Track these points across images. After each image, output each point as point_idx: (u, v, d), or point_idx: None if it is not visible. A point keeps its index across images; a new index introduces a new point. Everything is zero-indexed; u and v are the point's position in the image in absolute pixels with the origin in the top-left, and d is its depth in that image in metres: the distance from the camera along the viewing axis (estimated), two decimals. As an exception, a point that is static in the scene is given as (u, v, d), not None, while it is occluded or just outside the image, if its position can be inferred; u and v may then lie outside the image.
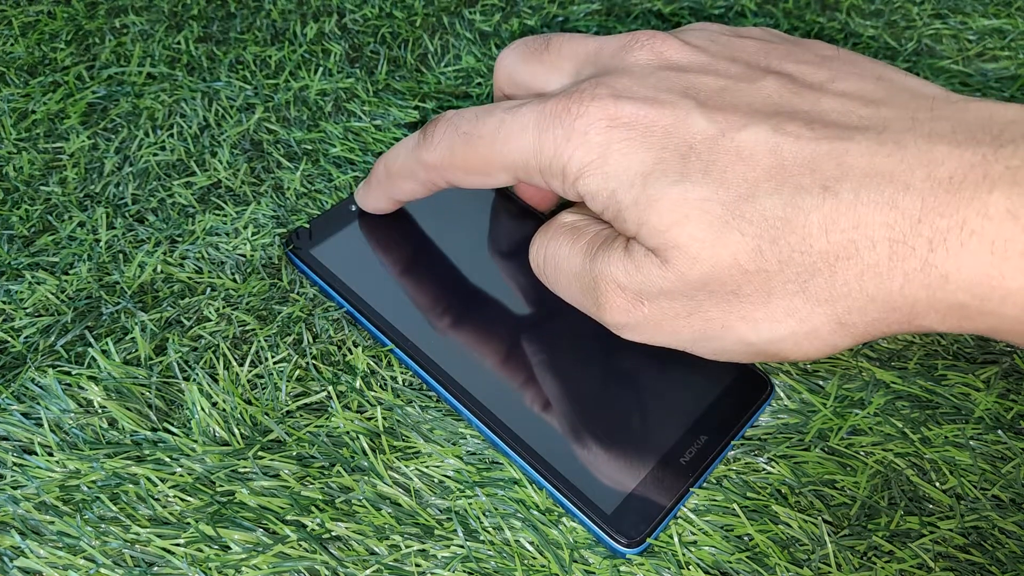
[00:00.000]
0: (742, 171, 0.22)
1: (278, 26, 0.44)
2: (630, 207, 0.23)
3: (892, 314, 0.22)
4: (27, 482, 0.26)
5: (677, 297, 0.24)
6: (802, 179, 0.21)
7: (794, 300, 0.22)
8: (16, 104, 0.39)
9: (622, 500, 0.26)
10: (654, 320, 0.25)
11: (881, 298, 0.21)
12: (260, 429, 0.28)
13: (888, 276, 0.21)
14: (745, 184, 0.22)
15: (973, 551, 0.26)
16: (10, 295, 0.32)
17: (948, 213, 0.20)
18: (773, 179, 0.22)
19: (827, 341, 0.23)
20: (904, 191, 0.20)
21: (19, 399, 0.28)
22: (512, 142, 0.26)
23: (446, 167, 0.28)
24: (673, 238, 0.23)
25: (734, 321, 0.24)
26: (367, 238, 0.33)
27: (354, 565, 0.25)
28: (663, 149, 0.23)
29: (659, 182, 0.23)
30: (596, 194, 0.24)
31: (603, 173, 0.24)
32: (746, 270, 0.22)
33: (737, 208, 0.22)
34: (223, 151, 0.37)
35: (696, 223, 0.22)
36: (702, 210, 0.22)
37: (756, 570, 0.25)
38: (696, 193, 0.22)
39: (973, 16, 0.44)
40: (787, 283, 0.22)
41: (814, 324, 0.23)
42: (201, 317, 0.31)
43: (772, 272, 0.22)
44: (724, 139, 0.23)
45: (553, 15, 0.45)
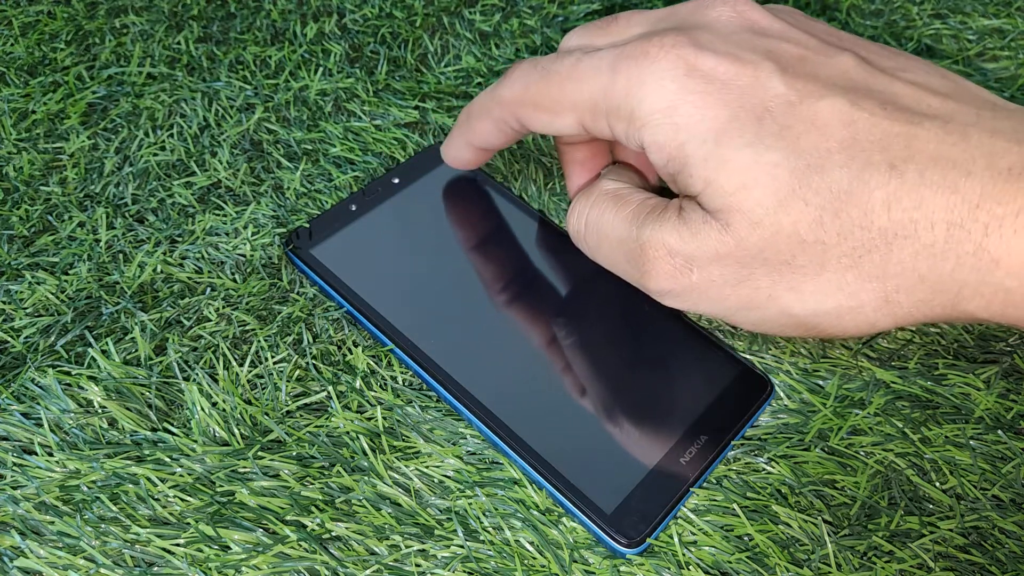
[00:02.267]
0: (815, 140, 0.22)
1: (278, 26, 0.44)
2: (699, 163, 0.23)
3: (939, 296, 0.22)
4: (27, 482, 0.26)
5: (730, 264, 0.24)
6: (872, 155, 0.22)
7: (846, 274, 0.23)
8: (16, 104, 0.39)
9: (622, 500, 0.26)
10: (701, 287, 0.25)
11: (932, 279, 0.22)
12: (260, 429, 0.28)
13: (942, 257, 0.21)
14: (817, 154, 0.22)
15: (973, 551, 0.26)
16: (10, 295, 0.32)
17: (1005, 201, 0.20)
18: (845, 152, 0.22)
19: (869, 318, 0.23)
20: (966, 177, 0.21)
21: (19, 399, 0.28)
22: (585, 80, 0.25)
23: (519, 102, 0.28)
24: (739, 202, 0.23)
25: (782, 291, 0.24)
26: (367, 238, 0.33)
27: (354, 565, 0.25)
28: (739, 108, 0.23)
29: (733, 142, 0.23)
30: (663, 144, 0.24)
31: (673, 123, 0.24)
32: (804, 240, 0.22)
33: (805, 177, 0.22)
34: (223, 151, 0.37)
35: (764, 189, 0.22)
36: (771, 175, 0.22)
37: (756, 570, 0.25)
38: (768, 157, 0.22)
39: (973, 16, 0.44)
40: (842, 257, 0.22)
41: (861, 300, 0.23)
42: (201, 317, 0.31)
43: (830, 244, 0.22)
44: (801, 106, 0.23)
45: (553, 15, 0.45)
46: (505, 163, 0.37)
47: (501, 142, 0.30)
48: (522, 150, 0.37)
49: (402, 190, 0.35)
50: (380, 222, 0.33)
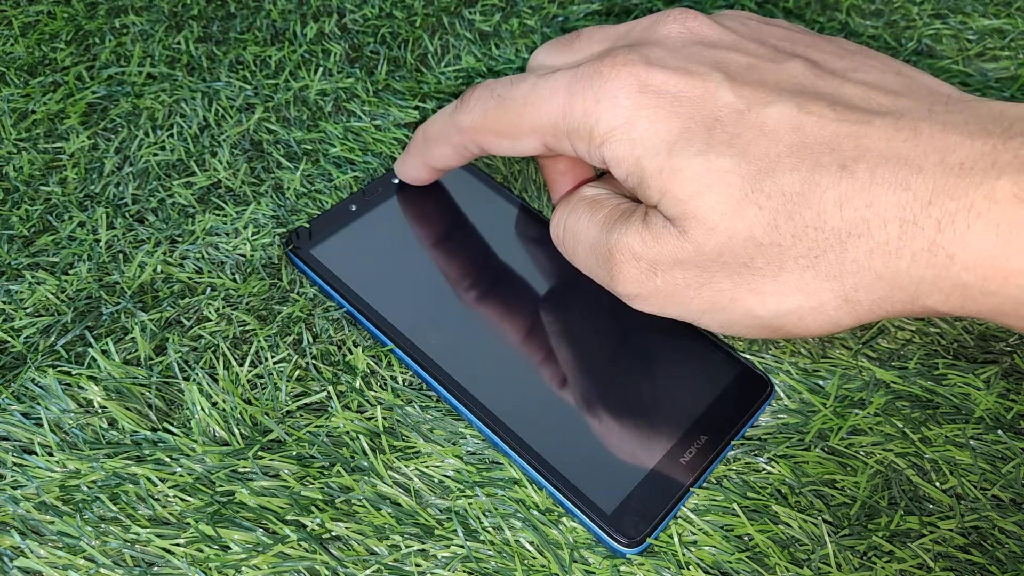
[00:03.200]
0: (765, 146, 0.23)
1: (278, 26, 0.44)
2: (654, 175, 0.24)
3: (897, 292, 0.22)
4: (27, 482, 0.26)
5: (691, 267, 0.24)
6: (822, 157, 0.22)
7: (804, 275, 0.23)
8: (16, 104, 0.39)
9: (622, 500, 0.26)
10: (666, 290, 0.25)
11: (888, 276, 0.22)
12: (260, 429, 0.28)
13: (896, 255, 0.21)
14: (767, 159, 0.23)
15: (973, 551, 0.26)
16: (10, 295, 0.32)
17: (957, 196, 0.20)
18: (794, 155, 0.22)
19: (831, 317, 0.23)
20: (917, 173, 0.21)
21: (19, 399, 0.28)
22: (543, 104, 0.26)
23: (478, 129, 0.28)
24: (693, 209, 0.23)
25: (743, 293, 0.24)
26: (367, 238, 0.33)
27: (354, 565, 0.25)
28: (690, 119, 0.24)
29: (684, 152, 0.23)
30: (621, 160, 0.25)
31: (630, 139, 0.25)
32: (760, 243, 0.23)
33: (757, 182, 0.23)
34: (223, 151, 0.37)
35: (716, 195, 0.23)
36: (724, 182, 0.23)
37: (756, 570, 0.25)
38: (719, 165, 0.23)
39: (973, 16, 0.44)
40: (799, 258, 0.23)
41: (821, 299, 0.23)
42: (201, 317, 0.31)
43: (785, 246, 0.23)
44: (750, 113, 0.23)
45: (553, 15, 0.45)
46: (505, 163, 0.37)
47: (459, 163, 0.31)
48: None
49: (402, 190, 0.35)
50: (380, 222, 0.33)
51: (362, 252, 0.32)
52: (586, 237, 0.27)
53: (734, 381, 0.29)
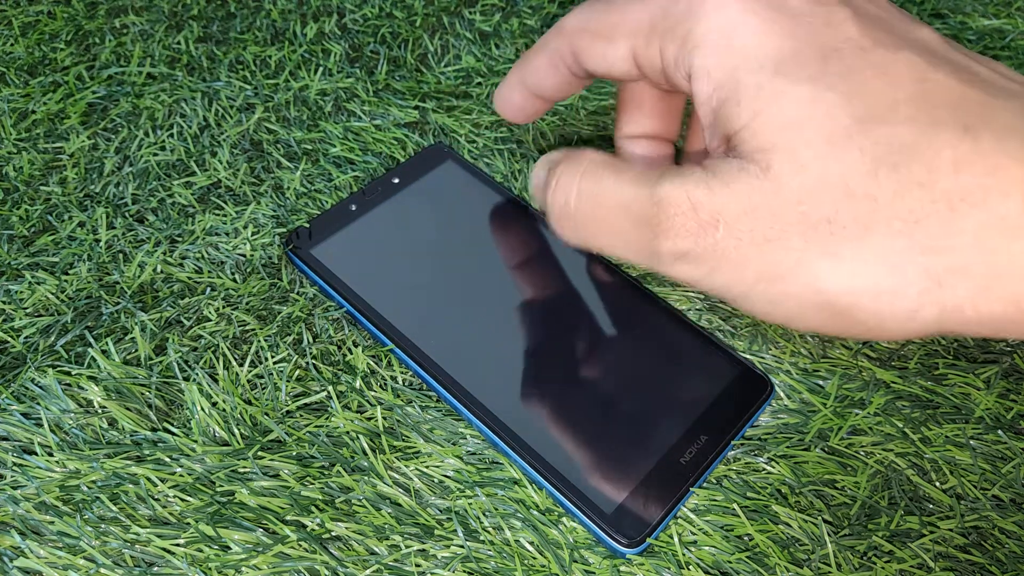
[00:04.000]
0: (883, 88, 0.20)
1: (278, 26, 0.44)
2: (751, 91, 0.21)
3: (1003, 285, 0.19)
4: (27, 482, 0.26)
5: (762, 216, 0.21)
6: (944, 113, 0.20)
7: (895, 242, 0.19)
8: (16, 104, 0.39)
9: (622, 500, 0.26)
10: (723, 248, 0.21)
11: (999, 260, 0.19)
12: (260, 429, 0.28)
13: (1014, 234, 0.18)
14: (882, 102, 0.20)
15: (973, 551, 0.26)
16: (10, 295, 0.32)
17: None
18: (913, 105, 0.20)
19: (911, 305, 0.20)
20: None
21: (19, 399, 0.28)
22: (646, 2, 0.24)
23: (579, 29, 0.26)
24: (787, 139, 0.20)
25: (814, 257, 0.20)
26: (367, 238, 0.33)
27: (354, 565, 0.25)
28: (806, 42, 0.21)
29: (792, 74, 0.21)
30: (712, 68, 0.22)
31: (729, 45, 0.22)
32: (852, 193, 0.20)
33: (866, 124, 0.20)
34: (223, 151, 0.37)
35: (817, 128, 0.20)
36: (828, 115, 0.20)
37: (756, 570, 0.25)
38: (828, 96, 0.20)
39: (973, 16, 0.44)
40: (893, 219, 0.19)
41: (907, 277, 0.19)
42: (201, 317, 0.31)
43: (882, 202, 0.19)
44: (874, 53, 0.21)
45: (553, 15, 0.45)
46: (505, 162, 0.37)
47: (552, 84, 0.28)
48: (522, 149, 0.37)
49: (402, 190, 0.35)
50: (380, 222, 0.33)
51: (362, 252, 0.32)
52: (616, 197, 0.23)
53: (734, 381, 0.29)
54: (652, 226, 0.23)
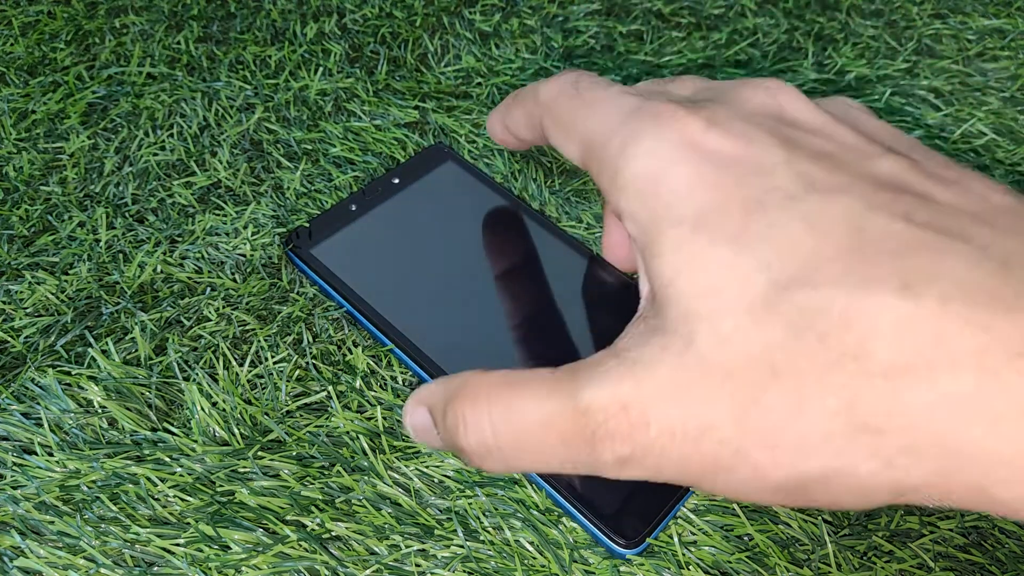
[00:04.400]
0: (809, 244, 0.18)
1: (278, 26, 0.44)
2: (669, 247, 0.20)
3: (961, 471, 0.17)
4: (27, 482, 0.26)
5: (691, 402, 0.19)
6: (880, 269, 0.17)
7: (832, 423, 0.17)
8: (16, 104, 0.39)
9: (621, 500, 0.26)
10: (660, 446, 0.19)
11: (953, 444, 0.16)
12: (260, 429, 0.28)
13: (968, 418, 0.16)
14: (808, 261, 0.18)
15: (973, 551, 0.26)
16: (10, 295, 0.32)
17: None
18: (844, 261, 0.18)
19: (864, 488, 0.18)
20: (1005, 314, 0.16)
21: (19, 399, 0.28)
22: (600, 115, 0.23)
23: (549, 108, 0.26)
24: (707, 307, 0.19)
25: (748, 445, 0.18)
26: (367, 237, 0.33)
27: (354, 565, 0.25)
28: (730, 195, 0.20)
29: (712, 232, 0.19)
30: (636, 213, 0.21)
31: (655, 193, 0.21)
32: (778, 370, 0.18)
33: (788, 290, 0.18)
34: (223, 151, 0.37)
35: (736, 295, 0.19)
36: (747, 280, 0.18)
37: (756, 570, 0.25)
38: (746, 260, 0.19)
39: (973, 16, 0.44)
40: (827, 396, 0.17)
41: (852, 460, 0.17)
42: (201, 317, 0.31)
43: (810, 378, 0.17)
44: (805, 201, 0.19)
45: (553, 15, 0.45)
46: (505, 162, 0.37)
47: (528, 136, 0.28)
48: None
49: (402, 190, 0.35)
50: (380, 222, 0.33)
51: (362, 251, 0.32)
52: (536, 417, 0.21)
53: None
54: (585, 439, 0.20)
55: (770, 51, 0.43)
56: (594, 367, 0.20)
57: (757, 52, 0.43)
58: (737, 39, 0.43)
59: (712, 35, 0.44)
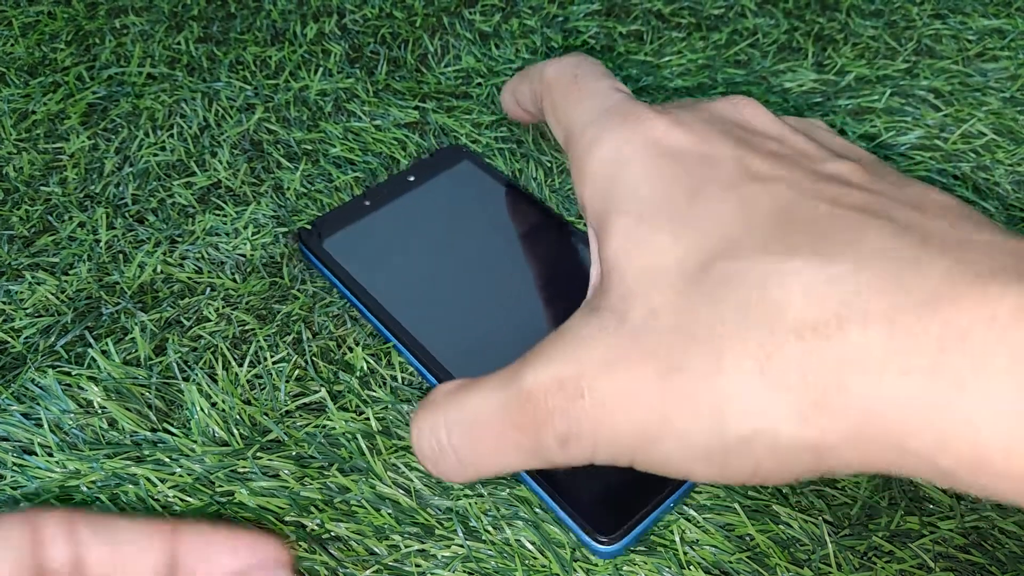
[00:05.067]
0: (739, 222, 0.20)
1: (278, 26, 0.44)
2: (618, 233, 0.22)
3: (873, 426, 0.17)
4: (27, 482, 0.26)
5: (620, 373, 0.20)
6: (797, 238, 0.19)
7: (750, 382, 0.18)
8: (16, 104, 0.39)
9: (601, 497, 0.25)
10: (593, 416, 0.20)
11: (863, 397, 0.17)
12: (259, 429, 0.28)
13: (877, 370, 0.16)
14: (736, 238, 0.20)
15: (973, 551, 0.26)
16: (10, 295, 0.32)
17: (973, 304, 0.16)
18: (766, 237, 0.19)
19: (788, 452, 0.18)
20: (916, 272, 0.17)
21: (19, 399, 0.28)
22: (585, 105, 0.25)
23: (549, 89, 0.28)
24: (643, 287, 0.20)
25: (673, 410, 0.19)
26: (379, 234, 0.33)
27: (354, 565, 0.25)
28: (678, 185, 0.21)
29: (655, 219, 0.21)
30: (589, 202, 0.23)
31: (608, 187, 0.23)
32: (697, 336, 0.19)
33: (715, 263, 0.19)
34: (223, 151, 0.37)
35: (669, 274, 0.20)
36: (681, 260, 0.20)
37: (756, 570, 0.25)
38: (682, 242, 0.20)
39: (973, 16, 0.44)
40: (743, 358, 0.18)
41: (771, 420, 0.18)
42: (201, 317, 0.31)
43: (729, 341, 0.18)
44: (743, 187, 0.21)
45: (553, 15, 0.45)
46: (506, 162, 0.37)
47: (534, 111, 0.31)
48: (523, 149, 0.37)
49: (417, 187, 0.35)
50: (393, 219, 0.33)
51: (373, 247, 0.32)
52: (486, 409, 0.21)
53: None
54: (532, 422, 0.21)
55: (770, 51, 0.43)
56: (538, 353, 0.21)
57: (757, 52, 0.43)
58: (737, 39, 0.43)
59: (712, 35, 0.44)
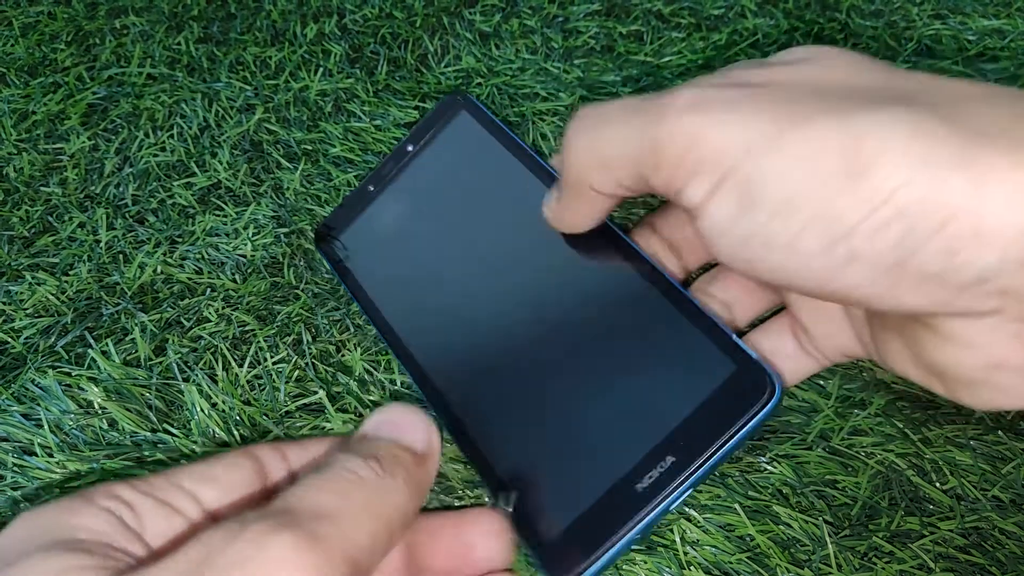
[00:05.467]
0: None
1: (278, 27, 0.44)
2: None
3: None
4: (27, 483, 0.26)
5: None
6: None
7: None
8: (16, 105, 0.39)
9: (562, 529, 0.23)
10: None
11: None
12: (259, 429, 0.28)
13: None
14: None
15: (973, 552, 0.26)
16: (10, 296, 0.32)
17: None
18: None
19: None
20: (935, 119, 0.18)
21: (19, 400, 0.28)
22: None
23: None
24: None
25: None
26: (385, 228, 0.31)
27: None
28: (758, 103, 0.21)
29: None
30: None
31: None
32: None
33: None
34: (223, 152, 0.37)
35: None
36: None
37: (756, 570, 0.25)
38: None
39: (973, 16, 0.44)
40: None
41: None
42: (201, 318, 0.31)
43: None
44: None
45: (553, 15, 0.45)
46: (505, 163, 0.37)
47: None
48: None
49: (416, 159, 0.32)
50: (396, 206, 0.32)
51: (379, 245, 0.31)
52: (625, 133, 0.22)
53: (724, 384, 0.23)
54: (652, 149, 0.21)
55: (770, 51, 0.43)
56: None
57: (757, 53, 0.43)
58: (737, 40, 0.43)
59: (712, 36, 0.44)
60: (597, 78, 0.41)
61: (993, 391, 0.20)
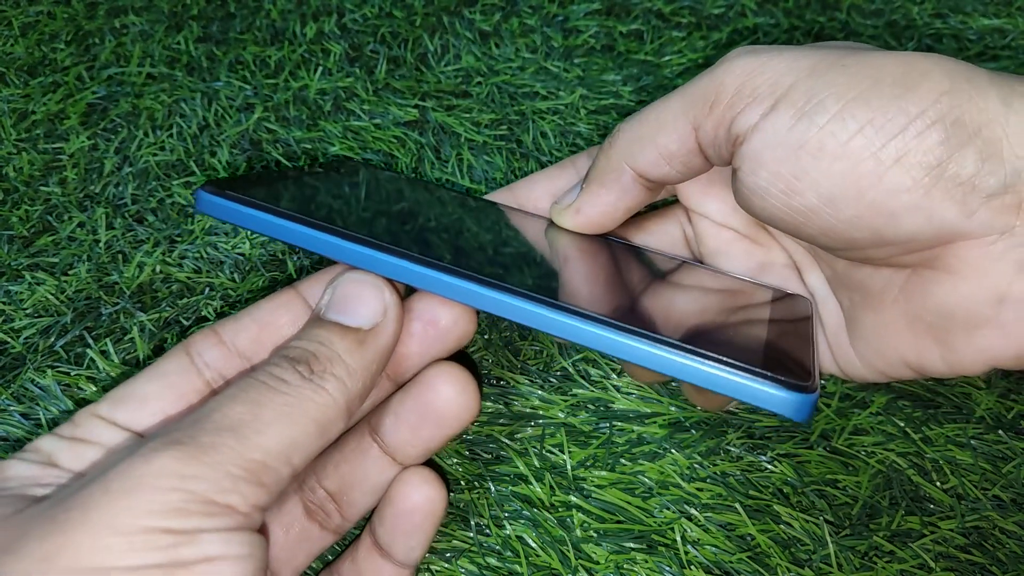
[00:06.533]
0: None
1: (278, 26, 0.44)
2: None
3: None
4: (26, 482, 0.26)
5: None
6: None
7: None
8: (16, 104, 0.39)
9: (765, 348, 0.21)
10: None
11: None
12: (260, 429, 0.28)
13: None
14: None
15: (974, 551, 0.26)
16: (10, 296, 0.32)
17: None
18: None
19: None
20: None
21: (18, 400, 0.28)
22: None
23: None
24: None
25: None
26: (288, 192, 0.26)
27: (354, 565, 0.25)
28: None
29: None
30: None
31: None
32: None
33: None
34: (223, 151, 0.37)
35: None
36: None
37: (757, 570, 0.25)
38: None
39: (973, 16, 0.44)
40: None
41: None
42: (200, 317, 0.31)
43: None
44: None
45: (553, 14, 0.45)
46: (504, 161, 0.37)
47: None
48: (522, 148, 0.37)
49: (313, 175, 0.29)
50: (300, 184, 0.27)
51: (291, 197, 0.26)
52: (667, 114, 0.24)
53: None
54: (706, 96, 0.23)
55: (770, 51, 0.43)
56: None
57: (757, 52, 0.43)
58: (737, 39, 0.43)
59: (712, 35, 0.44)
60: (597, 77, 0.41)
61: (996, 333, 0.21)
